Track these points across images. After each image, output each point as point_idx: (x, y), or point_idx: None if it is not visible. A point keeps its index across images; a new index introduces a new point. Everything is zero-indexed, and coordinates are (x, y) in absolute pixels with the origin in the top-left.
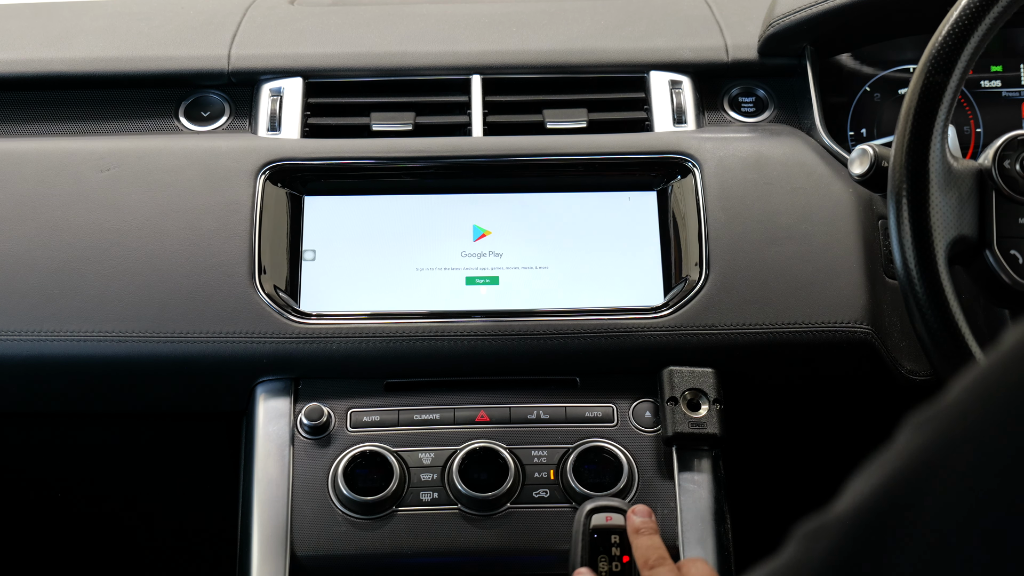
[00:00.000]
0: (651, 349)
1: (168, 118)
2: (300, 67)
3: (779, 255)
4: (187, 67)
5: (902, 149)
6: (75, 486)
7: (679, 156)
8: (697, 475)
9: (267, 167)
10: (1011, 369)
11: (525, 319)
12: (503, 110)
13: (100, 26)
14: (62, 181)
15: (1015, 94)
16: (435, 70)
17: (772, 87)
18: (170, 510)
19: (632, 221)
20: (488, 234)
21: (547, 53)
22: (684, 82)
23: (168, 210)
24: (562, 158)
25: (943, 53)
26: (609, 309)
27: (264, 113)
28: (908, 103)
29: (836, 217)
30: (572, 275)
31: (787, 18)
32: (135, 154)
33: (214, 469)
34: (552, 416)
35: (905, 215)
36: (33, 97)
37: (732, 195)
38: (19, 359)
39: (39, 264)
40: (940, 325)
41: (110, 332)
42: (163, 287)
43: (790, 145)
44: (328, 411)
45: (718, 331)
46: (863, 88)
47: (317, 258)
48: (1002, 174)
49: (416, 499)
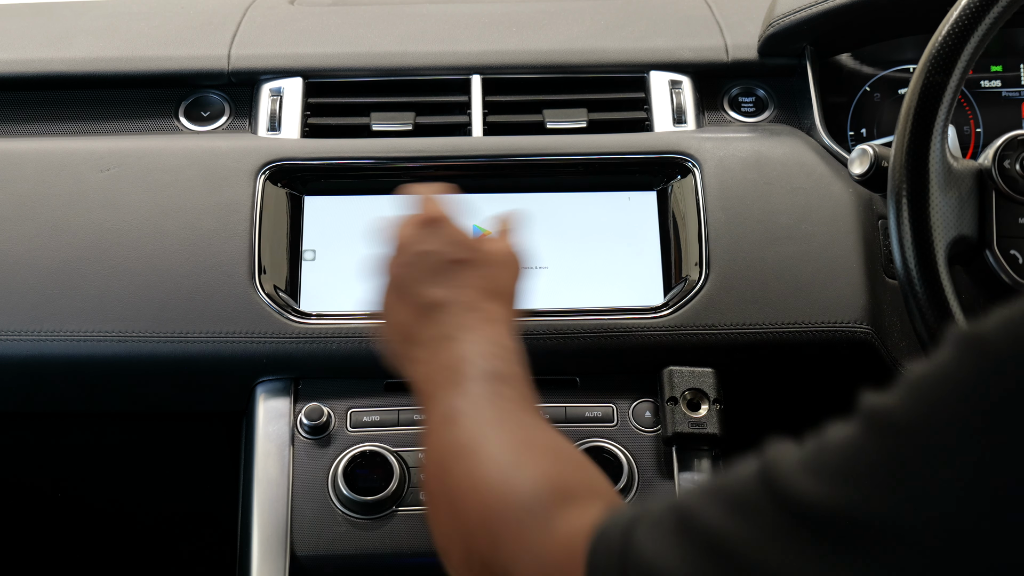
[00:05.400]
0: (651, 349)
1: (168, 118)
2: (300, 67)
3: (779, 255)
4: (187, 67)
5: (902, 149)
6: (75, 486)
7: (679, 156)
8: (697, 475)
9: (267, 167)
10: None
11: (525, 319)
12: (503, 110)
13: (100, 26)
14: (62, 181)
15: (1015, 94)
16: (435, 70)
17: (772, 87)
18: (170, 510)
19: (632, 221)
20: (488, 234)
21: (547, 53)
22: (684, 82)
23: (168, 210)
24: (562, 158)
25: (943, 53)
26: (609, 309)
27: (264, 113)
28: (908, 103)
29: (836, 217)
30: (572, 275)
31: (787, 18)
32: (135, 154)
33: (214, 469)
34: (552, 416)
35: (905, 215)
36: (33, 97)
37: (732, 195)
38: (19, 359)
39: (39, 264)
40: (940, 325)
41: (110, 332)
42: (163, 287)
43: (790, 145)
44: (328, 411)
45: (718, 331)
46: (863, 88)
47: (317, 258)
48: (1002, 174)
49: (416, 499)
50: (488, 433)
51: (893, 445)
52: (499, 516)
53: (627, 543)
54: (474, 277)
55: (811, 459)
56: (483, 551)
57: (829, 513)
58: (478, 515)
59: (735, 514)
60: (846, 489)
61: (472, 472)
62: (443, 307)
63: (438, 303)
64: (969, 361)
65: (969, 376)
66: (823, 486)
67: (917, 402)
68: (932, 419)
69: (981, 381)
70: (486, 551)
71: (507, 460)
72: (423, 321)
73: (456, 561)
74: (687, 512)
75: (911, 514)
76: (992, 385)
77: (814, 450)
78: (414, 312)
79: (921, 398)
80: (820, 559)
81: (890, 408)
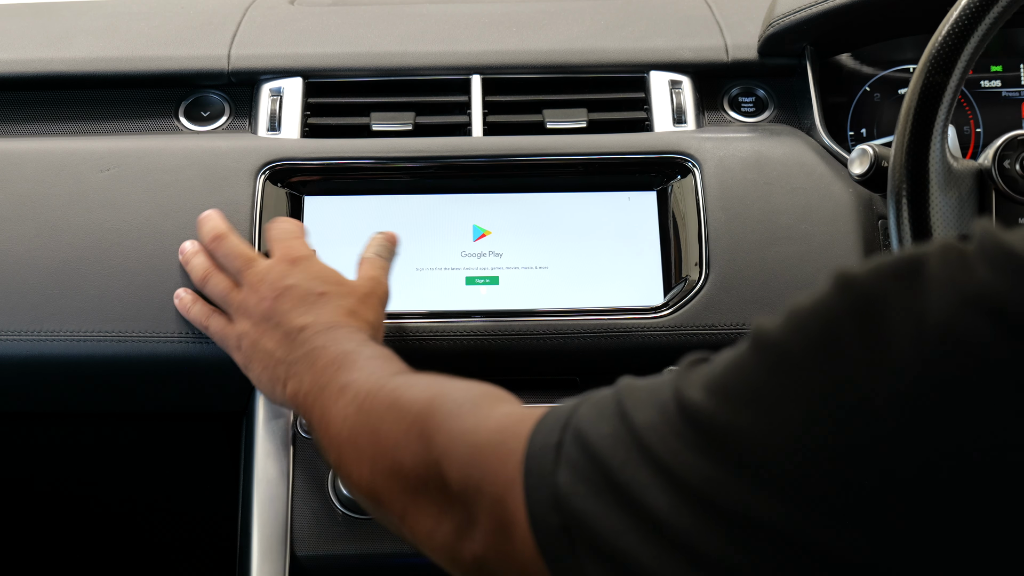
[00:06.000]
0: (651, 349)
1: (168, 118)
2: (300, 67)
3: (779, 255)
4: (187, 67)
5: (902, 149)
6: (75, 486)
7: (679, 156)
8: None
9: (267, 167)
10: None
11: (525, 319)
12: (503, 110)
13: (100, 26)
14: (62, 181)
15: (1015, 94)
16: (435, 70)
17: (772, 87)
18: (170, 510)
19: (632, 221)
20: (488, 234)
21: (547, 53)
22: (684, 82)
23: (168, 210)
24: (562, 158)
25: (943, 53)
26: (609, 309)
27: (264, 113)
28: (908, 103)
29: (836, 217)
30: (572, 275)
31: (787, 18)
32: (135, 154)
33: (214, 469)
34: None
35: (905, 215)
36: (33, 97)
37: (732, 195)
38: (19, 359)
39: (39, 264)
40: None
41: (110, 332)
42: (163, 287)
43: (790, 145)
44: None
45: (718, 331)
46: (863, 88)
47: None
48: (1002, 174)
49: None
50: (398, 376)
51: (766, 363)
52: (431, 413)
53: (573, 412)
54: (336, 305)
55: (706, 373)
56: (414, 453)
57: (714, 424)
58: (408, 421)
59: (653, 410)
60: (728, 403)
61: (396, 392)
62: (310, 328)
63: (305, 326)
64: (839, 298)
65: (837, 311)
66: (711, 399)
67: (793, 328)
68: (800, 342)
69: (847, 317)
70: (417, 451)
71: (427, 381)
72: (291, 344)
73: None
74: (622, 399)
75: (772, 432)
76: (852, 316)
77: (714, 364)
78: (282, 338)
79: (796, 323)
80: (706, 463)
81: (770, 331)
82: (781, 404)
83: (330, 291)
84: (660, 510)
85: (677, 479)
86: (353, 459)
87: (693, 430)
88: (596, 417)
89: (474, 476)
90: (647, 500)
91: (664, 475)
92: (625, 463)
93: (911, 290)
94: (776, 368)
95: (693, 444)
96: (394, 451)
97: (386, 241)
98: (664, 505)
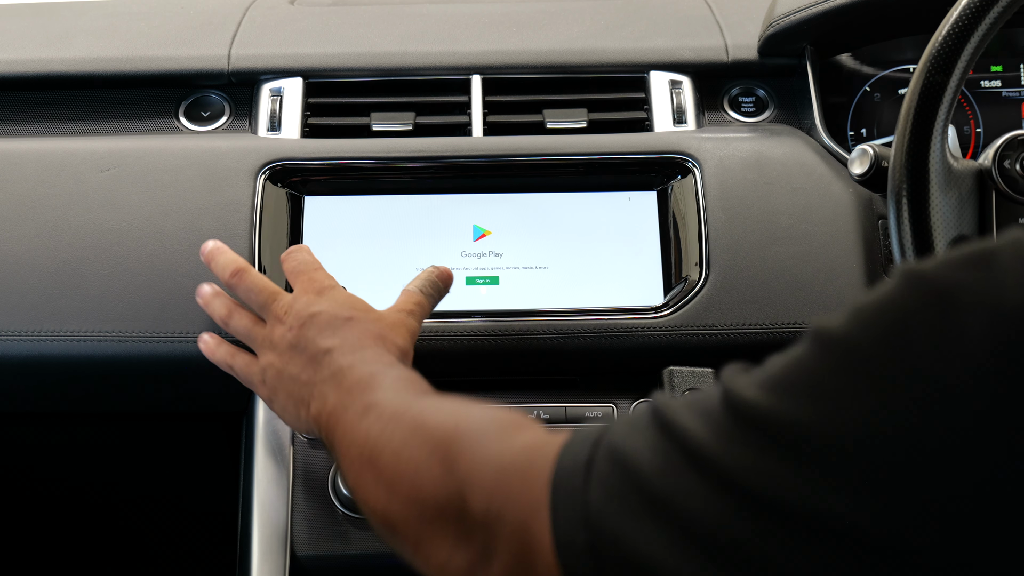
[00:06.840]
0: (651, 349)
1: (168, 118)
2: (300, 67)
3: (779, 255)
4: (187, 67)
5: (902, 149)
6: (75, 486)
7: (679, 156)
8: None
9: (267, 167)
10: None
11: (525, 319)
12: (503, 110)
13: (100, 26)
14: (62, 181)
15: (1015, 94)
16: (435, 70)
17: (772, 87)
18: (170, 510)
19: (632, 221)
20: (488, 234)
21: (547, 53)
22: (684, 82)
23: (168, 210)
24: (562, 158)
25: (943, 53)
26: (609, 309)
27: (264, 113)
28: (908, 103)
29: (836, 217)
30: (572, 275)
31: (787, 18)
32: (135, 154)
33: (214, 469)
34: (552, 416)
35: (905, 215)
36: (33, 97)
37: (732, 195)
38: (19, 359)
39: (39, 264)
40: None
41: (110, 332)
42: (163, 287)
43: (790, 145)
44: None
45: (718, 331)
46: (863, 88)
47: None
48: (1002, 174)
49: None
50: (424, 398)
51: (834, 362)
52: (456, 438)
53: (601, 436)
54: (364, 329)
55: (763, 374)
56: (435, 478)
57: (774, 420)
58: (431, 446)
59: (699, 418)
60: (789, 399)
61: (421, 417)
62: (336, 349)
63: (331, 348)
64: (909, 292)
65: (908, 305)
66: (770, 396)
67: (861, 325)
68: (870, 337)
69: (918, 310)
70: (439, 476)
71: (452, 406)
72: (316, 367)
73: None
74: (660, 411)
75: (840, 425)
76: (924, 307)
77: (767, 367)
78: (307, 361)
79: (863, 319)
80: (766, 461)
81: (835, 329)
82: (850, 397)
83: (358, 316)
84: (706, 515)
85: (728, 479)
86: (371, 482)
87: (749, 428)
88: (631, 431)
89: (497, 501)
90: (690, 508)
91: (713, 478)
92: (665, 473)
93: (985, 278)
94: (843, 363)
95: (750, 442)
96: (415, 475)
97: (436, 278)
98: (712, 509)
